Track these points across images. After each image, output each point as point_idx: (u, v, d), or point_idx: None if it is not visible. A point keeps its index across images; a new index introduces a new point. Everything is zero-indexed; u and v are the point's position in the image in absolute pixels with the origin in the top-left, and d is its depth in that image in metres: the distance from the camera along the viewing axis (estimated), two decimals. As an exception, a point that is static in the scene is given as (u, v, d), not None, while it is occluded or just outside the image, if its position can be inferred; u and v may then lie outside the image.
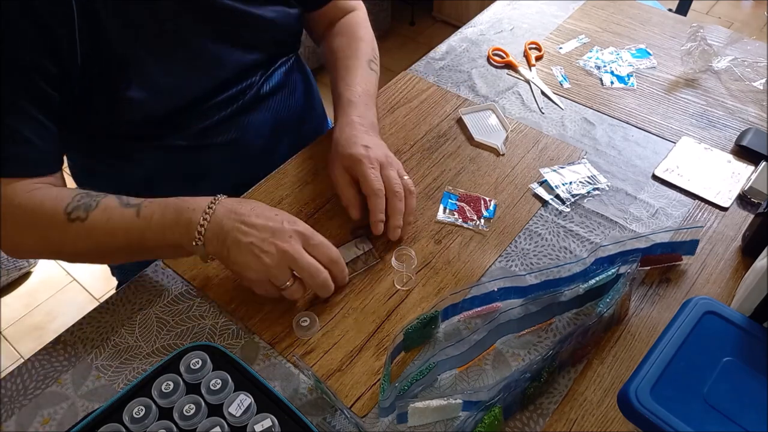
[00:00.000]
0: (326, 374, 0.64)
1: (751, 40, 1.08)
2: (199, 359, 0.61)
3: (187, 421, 0.57)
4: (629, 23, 1.13)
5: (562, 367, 0.64)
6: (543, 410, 0.61)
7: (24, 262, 1.81)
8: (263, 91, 0.89)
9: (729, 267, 0.74)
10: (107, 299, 0.72)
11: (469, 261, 0.75)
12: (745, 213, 0.80)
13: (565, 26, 1.12)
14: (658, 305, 0.70)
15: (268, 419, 0.56)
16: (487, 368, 0.65)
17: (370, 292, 0.72)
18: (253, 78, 0.87)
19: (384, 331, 0.68)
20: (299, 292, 0.67)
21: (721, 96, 0.97)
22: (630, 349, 0.66)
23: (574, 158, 0.87)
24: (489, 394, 0.57)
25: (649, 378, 0.54)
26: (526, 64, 1.03)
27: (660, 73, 1.02)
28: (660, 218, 0.79)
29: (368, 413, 0.61)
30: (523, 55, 1.05)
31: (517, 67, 1.01)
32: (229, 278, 0.73)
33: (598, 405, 0.62)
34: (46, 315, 1.80)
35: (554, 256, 0.75)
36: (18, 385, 0.65)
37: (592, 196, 0.82)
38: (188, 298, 0.72)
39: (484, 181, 0.84)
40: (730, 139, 0.90)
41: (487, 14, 1.17)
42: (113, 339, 0.68)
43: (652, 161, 0.87)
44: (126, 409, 0.57)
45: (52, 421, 0.62)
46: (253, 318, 0.69)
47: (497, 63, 1.04)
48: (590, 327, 0.62)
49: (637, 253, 0.69)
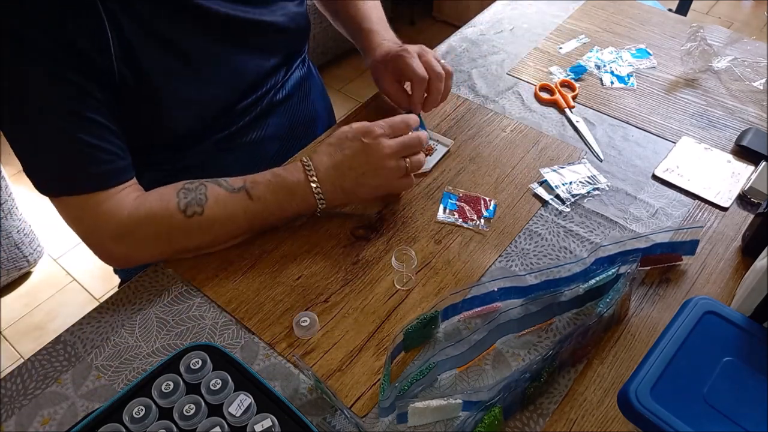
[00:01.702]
0: (326, 374, 0.64)
1: (751, 40, 1.08)
2: (199, 359, 0.61)
3: (187, 421, 0.57)
4: (629, 23, 1.13)
5: (562, 367, 0.64)
6: (543, 410, 0.61)
7: (24, 261, 1.81)
8: (281, 94, 0.92)
9: (729, 267, 0.74)
10: (107, 299, 0.72)
11: (469, 261, 0.75)
12: (745, 213, 0.80)
13: (565, 26, 1.12)
14: (658, 305, 0.70)
15: (268, 419, 0.56)
16: (487, 368, 0.65)
17: (370, 292, 0.72)
18: (273, 80, 0.90)
19: (384, 331, 0.68)
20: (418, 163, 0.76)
21: (721, 96, 0.97)
22: (630, 349, 0.66)
23: (574, 158, 0.87)
24: (489, 394, 0.57)
25: (649, 378, 0.54)
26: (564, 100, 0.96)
27: (660, 73, 1.02)
28: (660, 218, 0.79)
29: (368, 413, 0.61)
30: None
31: (563, 107, 0.94)
32: (229, 278, 0.73)
33: (598, 405, 0.62)
34: (46, 315, 1.80)
35: (554, 256, 0.75)
36: (18, 385, 0.65)
37: (592, 196, 0.82)
38: (188, 298, 0.72)
39: (484, 181, 0.84)
40: (730, 139, 0.90)
41: (487, 14, 1.17)
42: (113, 339, 0.68)
43: (652, 161, 0.87)
44: (126, 409, 0.57)
45: (52, 421, 0.62)
46: (253, 318, 0.69)
47: (543, 100, 0.97)
48: (590, 327, 0.62)
49: (637, 253, 0.69)
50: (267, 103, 0.89)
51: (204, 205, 0.71)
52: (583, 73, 1.01)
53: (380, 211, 0.80)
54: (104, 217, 0.69)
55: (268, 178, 0.73)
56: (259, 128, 0.90)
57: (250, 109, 0.87)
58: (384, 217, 0.80)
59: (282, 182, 0.73)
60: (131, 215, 0.70)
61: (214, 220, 0.71)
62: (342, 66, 2.54)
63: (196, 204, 0.71)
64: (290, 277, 0.73)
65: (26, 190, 2.13)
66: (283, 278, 0.73)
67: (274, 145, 0.92)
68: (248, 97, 0.86)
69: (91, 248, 0.73)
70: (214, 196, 0.71)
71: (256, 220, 0.73)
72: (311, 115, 0.98)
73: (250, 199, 0.72)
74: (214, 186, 0.72)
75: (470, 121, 0.93)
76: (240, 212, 0.72)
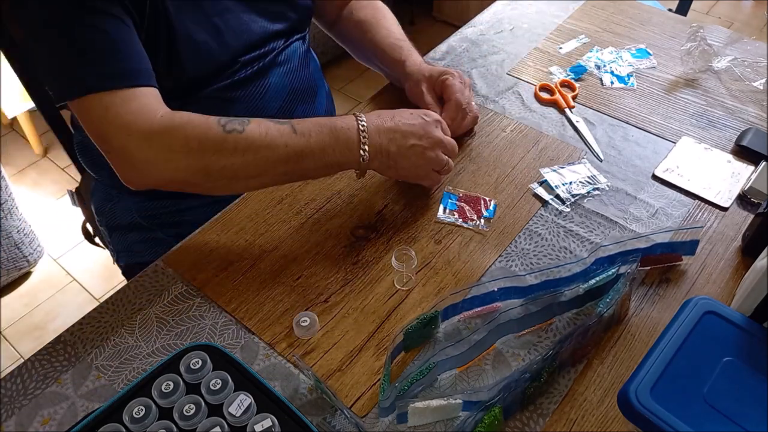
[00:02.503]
0: (326, 374, 0.64)
1: (751, 40, 1.08)
2: (199, 359, 0.61)
3: (187, 421, 0.57)
4: (629, 23, 1.13)
5: (562, 367, 0.64)
6: (543, 410, 0.61)
7: (24, 261, 1.81)
8: (282, 56, 0.92)
9: (729, 267, 0.74)
10: (107, 299, 0.72)
11: (469, 261, 0.75)
12: (745, 213, 0.80)
13: (565, 26, 1.12)
14: (658, 305, 0.70)
15: (268, 419, 0.56)
16: (487, 368, 0.65)
17: (370, 292, 0.72)
18: (275, 44, 0.91)
19: (384, 331, 0.68)
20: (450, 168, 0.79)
21: (721, 96, 0.97)
22: (630, 349, 0.66)
23: (574, 158, 0.87)
24: (489, 394, 0.57)
25: (649, 378, 0.54)
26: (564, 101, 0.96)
27: (660, 73, 1.02)
28: (660, 218, 0.79)
29: (368, 413, 0.61)
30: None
31: (563, 107, 0.95)
32: (229, 278, 0.73)
33: (598, 405, 0.62)
34: (46, 315, 1.80)
35: (554, 256, 0.75)
36: (18, 385, 0.65)
37: (592, 196, 0.82)
38: (188, 298, 0.72)
39: (484, 181, 0.84)
40: (730, 139, 0.90)
41: (487, 14, 1.17)
42: (113, 339, 0.68)
43: (652, 161, 0.87)
44: (126, 409, 0.57)
45: (52, 421, 0.62)
46: (253, 318, 0.69)
47: (543, 100, 0.97)
48: (590, 327, 0.62)
49: (637, 253, 0.69)
50: (269, 61, 0.90)
51: (246, 126, 0.69)
52: (583, 73, 1.01)
53: (380, 211, 0.80)
54: (131, 117, 0.66)
55: (317, 119, 0.73)
56: (260, 83, 0.90)
57: (253, 63, 0.88)
58: (384, 217, 0.80)
59: (331, 124, 0.72)
60: (164, 117, 0.68)
61: (252, 141, 0.69)
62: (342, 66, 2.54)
63: (237, 122, 0.69)
64: (290, 277, 0.73)
65: (26, 190, 2.13)
66: (283, 278, 0.73)
67: (275, 103, 0.91)
68: (251, 52, 0.87)
69: (112, 157, 0.69)
70: (257, 120, 0.71)
71: (296, 156, 0.71)
72: (311, 84, 0.99)
73: (294, 132, 0.71)
74: (260, 118, 0.72)
75: (470, 121, 0.93)
76: (281, 142, 0.70)
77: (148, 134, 0.67)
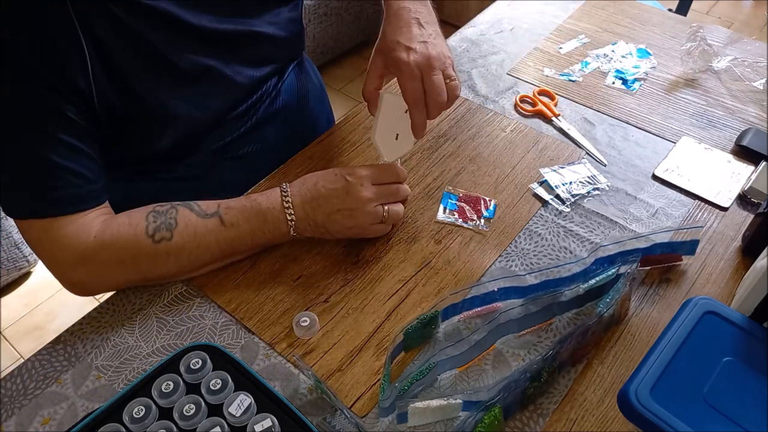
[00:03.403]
0: (326, 374, 0.64)
1: (751, 40, 1.08)
2: (199, 359, 0.61)
3: (187, 421, 0.57)
4: (629, 23, 1.13)
5: (562, 367, 0.64)
6: (543, 410, 0.61)
7: (24, 261, 1.81)
8: (277, 102, 0.90)
9: (729, 267, 0.74)
10: (107, 299, 0.72)
11: (469, 261, 0.75)
12: (745, 213, 0.80)
13: (565, 26, 1.12)
14: (658, 305, 0.70)
15: (268, 419, 0.56)
16: (487, 368, 0.65)
17: (370, 292, 0.72)
18: (265, 87, 0.88)
19: (384, 331, 0.68)
20: (396, 215, 0.75)
21: (721, 96, 0.97)
22: (630, 349, 0.66)
23: (574, 158, 0.87)
24: (489, 394, 0.57)
25: (649, 378, 0.54)
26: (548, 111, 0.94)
27: (660, 73, 1.01)
28: (660, 218, 0.79)
29: (368, 413, 0.61)
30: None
31: (549, 117, 0.93)
32: (229, 278, 0.73)
33: (598, 405, 0.62)
34: (46, 315, 1.80)
35: (554, 256, 0.75)
36: (18, 385, 0.65)
37: (592, 196, 0.82)
38: (188, 298, 0.72)
39: (484, 181, 0.84)
40: (730, 139, 0.90)
41: (487, 14, 1.17)
42: (113, 339, 0.68)
43: (652, 161, 0.87)
44: (126, 409, 0.57)
45: (52, 421, 0.62)
46: (253, 318, 0.69)
47: (526, 112, 0.94)
48: (590, 327, 0.62)
49: (637, 253, 0.69)
50: (262, 112, 0.87)
51: (173, 230, 0.68)
52: (583, 72, 1.01)
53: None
54: (66, 241, 0.66)
55: (243, 203, 0.71)
56: (255, 138, 0.88)
57: (244, 118, 0.85)
58: (384, 217, 0.80)
59: (257, 208, 0.71)
60: (97, 237, 0.67)
61: (182, 246, 0.68)
62: (342, 66, 2.54)
63: (165, 229, 0.68)
64: (290, 277, 0.73)
65: (26, 190, 2.13)
66: (283, 278, 0.73)
67: (273, 156, 0.89)
68: (240, 106, 0.84)
69: (53, 274, 0.70)
70: (184, 221, 0.69)
71: (228, 247, 0.71)
72: (311, 124, 0.96)
73: (223, 225, 0.69)
74: (186, 210, 0.70)
75: (470, 121, 0.93)
76: (211, 239, 0.69)
77: (81, 258, 0.67)
